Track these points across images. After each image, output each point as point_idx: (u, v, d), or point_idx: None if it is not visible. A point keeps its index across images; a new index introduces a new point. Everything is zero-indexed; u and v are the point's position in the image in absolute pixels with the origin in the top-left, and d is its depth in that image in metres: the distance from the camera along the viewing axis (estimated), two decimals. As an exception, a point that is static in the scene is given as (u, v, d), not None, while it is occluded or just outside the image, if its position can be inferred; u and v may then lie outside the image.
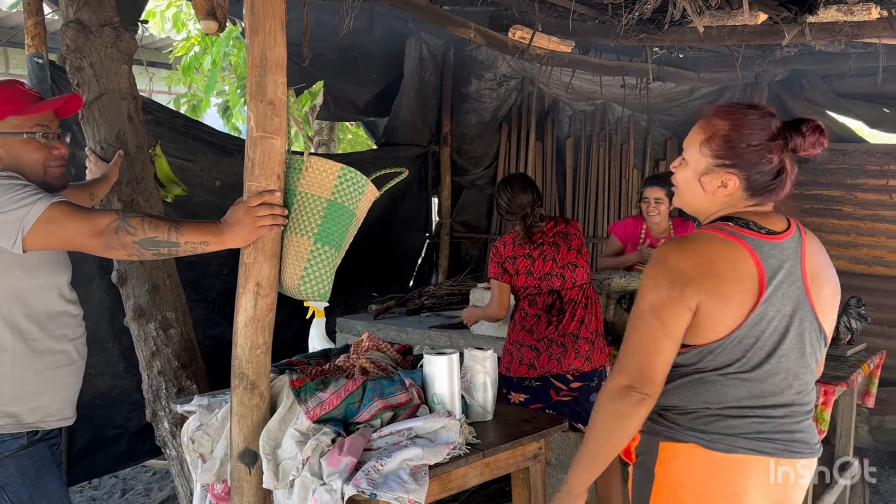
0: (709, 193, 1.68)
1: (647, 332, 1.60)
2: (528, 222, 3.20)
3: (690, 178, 1.70)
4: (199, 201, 3.92)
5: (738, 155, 1.62)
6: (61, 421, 2.18)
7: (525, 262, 3.18)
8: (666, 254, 1.64)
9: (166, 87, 7.72)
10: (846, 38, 3.39)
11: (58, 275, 2.15)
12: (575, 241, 3.24)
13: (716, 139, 1.64)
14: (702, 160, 1.67)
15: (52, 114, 2.14)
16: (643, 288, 1.63)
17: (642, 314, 1.61)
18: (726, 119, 1.65)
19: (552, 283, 3.16)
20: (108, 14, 2.83)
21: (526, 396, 3.11)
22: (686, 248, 1.63)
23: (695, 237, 1.66)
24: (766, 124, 1.63)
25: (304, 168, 2.00)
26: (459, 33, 4.03)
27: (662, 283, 1.59)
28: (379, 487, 1.72)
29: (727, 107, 1.70)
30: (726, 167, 1.64)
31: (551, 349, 3.08)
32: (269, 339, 1.95)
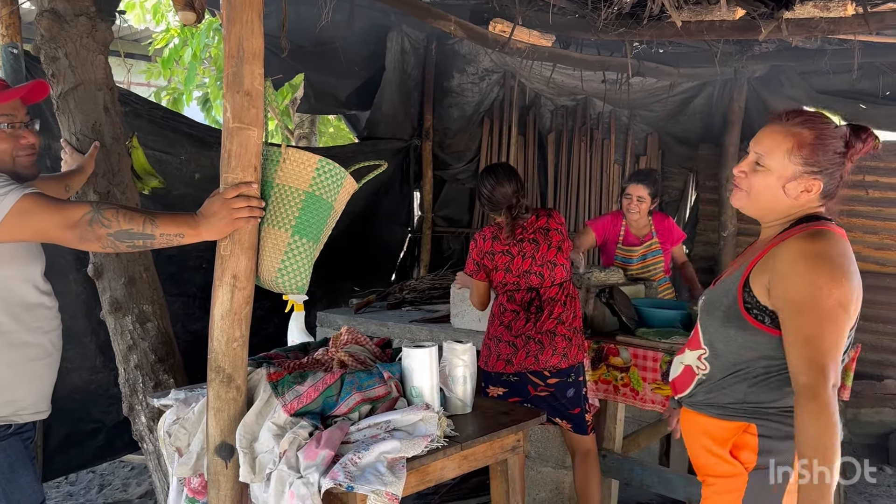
0: (790, 198, 1.74)
1: (839, 330, 1.60)
2: (514, 213, 3.15)
3: (773, 184, 1.75)
4: (178, 194, 3.89)
5: (826, 162, 1.71)
6: (35, 415, 2.16)
7: (504, 259, 3.15)
8: (826, 248, 1.65)
9: (146, 80, 7.64)
10: (822, 34, 3.42)
11: (31, 266, 2.13)
12: (556, 237, 3.18)
13: (805, 147, 1.71)
14: (790, 167, 1.73)
15: (19, 102, 2.11)
16: (822, 284, 1.60)
17: (830, 312, 1.60)
18: (810, 128, 1.72)
19: (531, 280, 3.13)
20: (83, 4, 2.80)
21: (504, 390, 3.12)
22: (837, 245, 1.67)
23: (827, 234, 1.69)
24: (841, 133, 1.73)
25: (282, 160, 1.98)
26: (439, 26, 4.02)
27: (841, 277, 1.61)
28: (356, 480, 1.71)
29: (805, 115, 1.76)
30: (814, 174, 1.72)
31: (529, 346, 3.07)
32: (246, 332, 1.94)
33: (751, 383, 1.74)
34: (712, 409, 1.80)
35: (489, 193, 3.18)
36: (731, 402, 1.76)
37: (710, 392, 1.80)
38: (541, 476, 3.55)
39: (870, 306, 5.23)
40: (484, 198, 3.21)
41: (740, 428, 1.74)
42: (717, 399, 1.79)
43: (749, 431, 1.73)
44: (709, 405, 1.81)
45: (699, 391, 1.84)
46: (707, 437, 1.80)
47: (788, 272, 1.65)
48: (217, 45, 6.39)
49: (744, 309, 1.73)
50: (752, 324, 1.71)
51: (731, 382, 1.76)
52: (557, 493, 3.55)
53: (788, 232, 1.74)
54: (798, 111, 1.80)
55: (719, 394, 1.78)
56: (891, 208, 5.37)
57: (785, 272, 1.65)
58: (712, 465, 1.79)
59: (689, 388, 1.87)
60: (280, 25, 3.26)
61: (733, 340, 1.76)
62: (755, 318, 1.71)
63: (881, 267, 5.39)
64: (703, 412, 1.82)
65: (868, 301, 5.45)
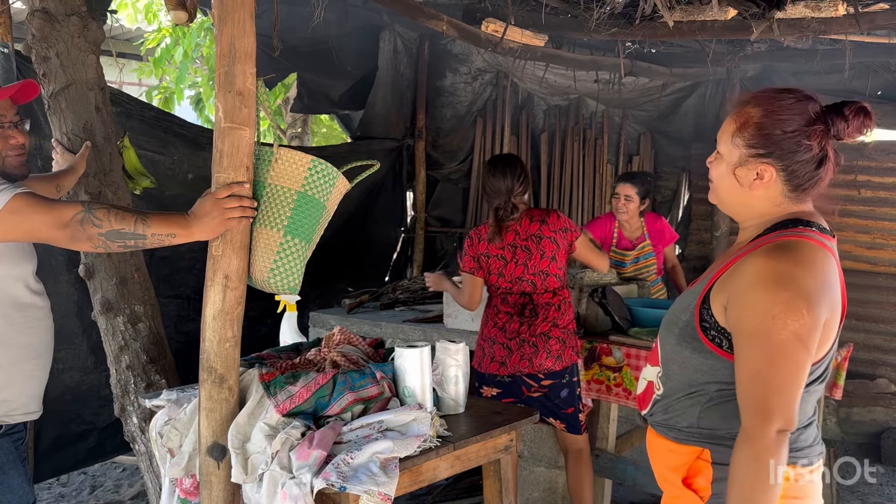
0: (745, 187, 1.55)
1: (795, 366, 1.40)
2: (500, 214, 3.09)
3: (724, 171, 1.58)
4: (171, 194, 3.88)
5: (773, 143, 1.50)
6: (27, 415, 2.16)
7: (497, 264, 3.11)
8: (788, 269, 1.42)
9: (137, 79, 7.62)
10: (814, 34, 3.44)
11: (23, 266, 2.12)
12: (549, 246, 3.07)
13: (748, 127, 1.53)
14: (734, 151, 1.55)
15: (8, 102, 2.10)
16: (776, 313, 1.39)
17: (784, 345, 1.39)
18: (759, 105, 1.53)
19: (523, 287, 3.10)
20: (74, 3, 2.79)
21: (498, 391, 3.11)
22: (804, 262, 1.44)
23: (797, 247, 1.47)
24: (802, 108, 1.50)
25: (274, 160, 1.98)
26: (432, 25, 4.03)
27: (801, 305, 1.39)
28: (349, 480, 1.71)
29: (760, 92, 1.56)
30: (761, 157, 1.52)
31: (523, 349, 3.05)
32: (238, 332, 1.93)
33: (704, 407, 1.56)
34: (668, 430, 1.64)
35: (483, 183, 3.14)
36: (686, 425, 1.60)
37: (666, 412, 1.65)
38: (534, 476, 3.55)
39: (862, 306, 5.31)
40: (483, 188, 3.17)
41: (694, 453, 1.58)
42: (672, 421, 1.63)
43: (702, 458, 1.56)
44: (665, 426, 1.65)
45: (657, 410, 1.68)
46: (663, 462, 1.66)
47: (744, 295, 1.45)
48: (209, 45, 6.38)
49: (700, 330, 1.54)
50: (709, 347, 1.53)
51: (686, 405, 1.59)
52: (550, 493, 3.55)
53: (759, 240, 1.54)
54: (760, 89, 1.59)
55: (674, 415, 1.62)
56: (883, 208, 5.40)
57: (740, 294, 1.46)
58: (670, 494, 1.65)
59: (649, 406, 1.72)
60: (272, 25, 3.25)
61: (688, 362, 1.58)
62: (711, 341, 1.53)
63: (873, 266, 5.41)
64: (661, 433, 1.67)
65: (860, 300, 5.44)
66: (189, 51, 6.14)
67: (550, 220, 3.11)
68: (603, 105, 6.19)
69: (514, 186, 3.10)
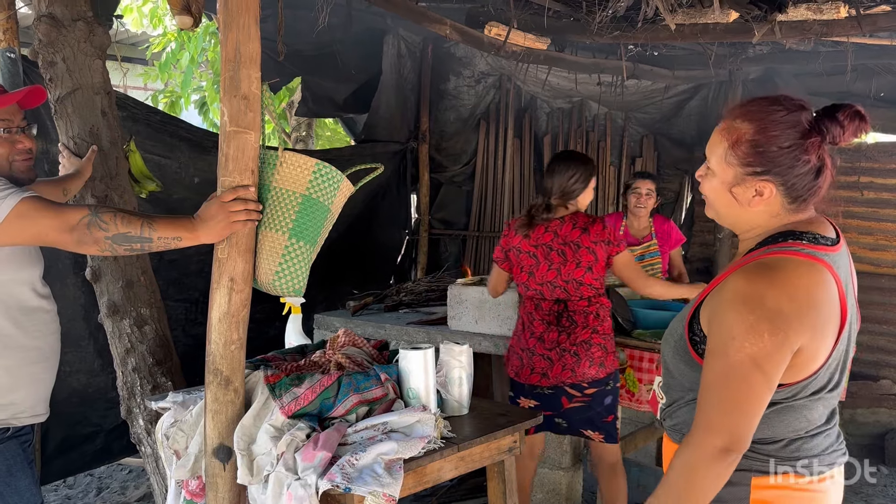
0: (744, 205, 1.51)
1: (747, 388, 1.39)
2: (531, 211, 3.01)
3: (719, 188, 1.53)
4: (178, 198, 3.90)
5: (770, 160, 1.45)
6: (33, 417, 2.17)
7: (529, 262, 3.02)
8: (759, 291, 1.39)
9: (143, 84, 7.66)
10: (815, 36, 3.45)
11: (30, 269, 2.14)
12: (587, 257, 2.95)
13: (741, 144, 1.47)
14: (729, 170, 1.50)
15: (16, 107, 2.11)
16: (735, 334, 1.39)
17: (739, 366, 1.38)
18: (750, 120, 1.47)
19: (556, 293, 2.99)
20: (80, 8, 2.81)
21: (536, 403, 3.02)
22: (779, 282, 1.40)
23: (778, 265, 1.43)
24: (795, 120, 1.45)
25: (279, 163, 2.00)
26: (435, 29, 4.05)
27: (763, 328, 1.37)
28: (353, 481, 1.72)
29: (750, 104, 1.49)
30: (758, 175, 1.47)
31: (565, 359, 2.94)
32: (244, 334, 1.95)
33: None
34: (676, 434, 1.64)
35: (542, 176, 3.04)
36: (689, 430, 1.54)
37: (672, 418, 1.66)
38: (538, 477, 3.56)
39: (865, 307, 5.27)
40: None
41: None
42: (678, 426, 1.63)
43: None
44: (673, 430, 1.66)
45: (665, 416, 1.70)
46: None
47: (717, 312, 1.45)
48: (214, 49, 6.42)
49: (690, 344, 1.54)
50: (696, 360, 1.52)
51: (685, 412, 1.59)
52: (554, 495, 3.56)
53: (748, 256, 1.51)
54: (748, 101, 1.51)
55: (678, 422, 1.63)
56: (886, 209, 5.39)
57: (715, 312, 1.46)
58: None
59: (659, 413, 1.74)
60: (277, 29, 3.27)
61: (683, 374, 1.58)
62: (700, 354, 1.51)
63: (876, 268, 5.41)
64: (671, 437, 1.68)
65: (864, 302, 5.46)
66: (195, 55, 6.18)
67: (593, 229, 2.98)
68: (605, 107, 6.20)
69: (554, 188, 3.01)
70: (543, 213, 3.01)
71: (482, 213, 6.37)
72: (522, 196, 6.33)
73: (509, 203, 6.30)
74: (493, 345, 3.63)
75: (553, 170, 3.04)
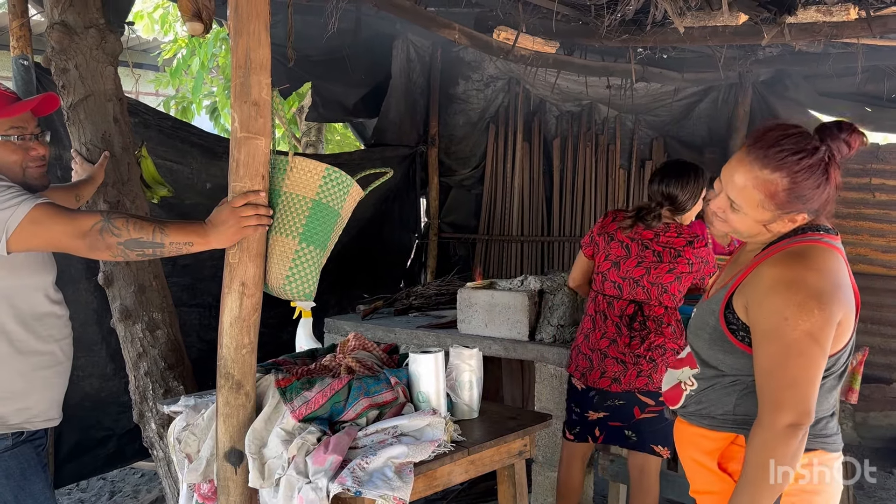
0: (774, 231, 1.66)
1: (808, 361, 1.52)
2: (642, 214, 2.92)
3: (752, 223, 1.66)
4: (191, 203, 3.93)
5: (806, 200, 1.60)
6: (47, 422, 2.19)
7: (619, 251, 2.93)
8: (799, 274, 1.55)
9: (154, 90, 7.71)
10: (825, 38, 3.43)
11: (43, 275, 2.16)
12: (682, 266, 2.88)
13: (778, 195, 1.60)
14: (766, 214, 1.63)
15: (30, 114, 2.13)
16: (788, 314, 1.52)
17: (796, 343, 1.52)
18: (780, 171, 1.58)
19: (636, 292, 2.90)
20: (93, 16, 2.84)
21: (605, 414, 2.96)
22: (813, 265, 1.57)
23: (807, 252, 1.60)
24: (819, 160, 1.58)
25: (289, 168, 2.01)
26: (444, 34, 4.06)
27: (812, 305, 1.51)
28: (364, 485, 1.73)
29: (776, 153, 1.59)
30: (794, 212, 1.62)
31: (640, 364, 2.86)
32: (255, 338, 1.96)
33: (740, 395, 1.68)
34: (702, 419, 1.75)
35: (649, 181, 3.00)
36: (721, 412, 1.71)
37: (700, 403, 1.76)
38: (548, 481, 3.55)
39: (877, 309, 5.28)
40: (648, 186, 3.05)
41: (728, 439, 1.70)
42: (707, 409, 1.74)
43: (737, 443, 1.68)
44: (699, 415, 1.76)
45: (690, 402, 1.79)
46: (696, 448, 1.76)
47: (760, 299, 1.58)
48: (224, 55, 6.46)
49: (728, 332, 1.67)
50: (738, 346, 1.66)
51: (721, 395, 1.71)
52: (565, 498, 3.55)
53: (772, 248, 1.67)
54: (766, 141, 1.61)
55: (709, 405, 1.73)
56: (898, 211, 5.37)
57: (757, 298, 1.59)
58: (703, 480, 1.75)
59: (681, 401, 1.83)
60: (286, 34, 3.29)
61: (722, 363, 1.70)
62: (741, 341, 1.65)
63: (888, 270, 5.38)
64: (693, 422, 1.78)
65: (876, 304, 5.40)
66: (205, 61, 6.21)
67: (698, 244, 2.93)
68: (615, 110, 6.19)
69: (667, 199, 2.92)
70: (653, 220, 2.92)
71: (491, 216, 6.38)
72: (532, 199, 6.33)
73: (518, 206, 6.30)
74: (503, 348, 3.63)
75: (664, 180, 2.94)
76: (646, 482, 2.97)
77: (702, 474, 1.75)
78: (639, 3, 3.02)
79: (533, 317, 3.62)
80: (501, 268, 6.33)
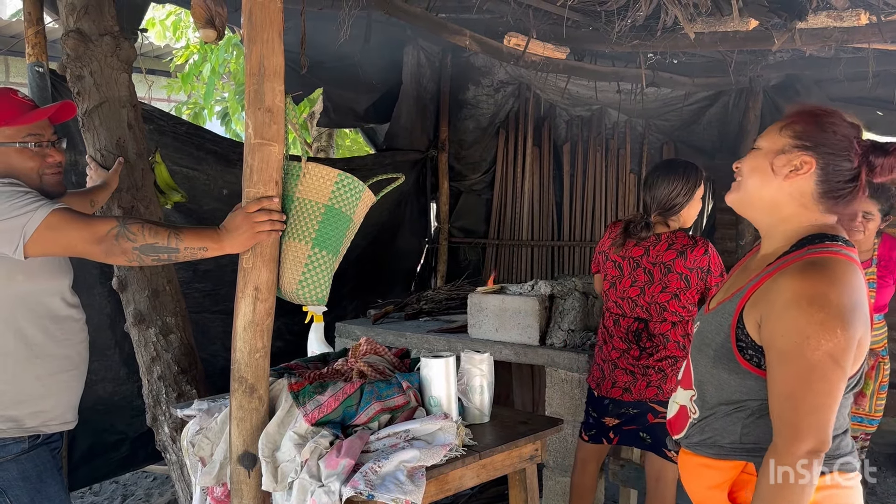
0: (778, 176, 1.57)
1: (829, 385, 1.42)
2: (629, 226, 2.85)
3: (761, 161, 1.60)
4: (209, 209, 3.97)
5: (822, 138, 1.54)
6: (63, 425, 2.21)
7: (613, 272, 2.91)
8: (822, 289, 1.44)
9: (166, 96, 7.77)
10: (836, 43, 3.43)
11: (60, 279, 2.18)
12: (675, 283, 2.78)
13: (799, 123, 1.57)
14: (779, 140, 1.58)
15: (46, 121, 2.16)
16: (809, 333, 1.41)
17: (819, 365, 1.41)
18: (814, 110, 1.59)
19: (637, 311, 2.87)
20: (107, 23, 2.87)
21: (618, 421, 2.96)
22: (836, 280, 1.46)
23: (828, 264, 1.48)
24: (851, 125, 1.57)
25: (302, 174, 2.03)
26: (455, 41, 4.07)
27: (835, 324, 1.41)
28: (376, 489, 1.74)
29: (817, 105, 1.62)
30: (806, 149, 1.55)
31: (649, 375, 2.84)
32: (268, 342, 1.98)
33: (746, 422, 1.58)
34: (707, 448, 1.65)
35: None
36: (728, 442, 1.61)
37: (703, 433, 1.66)
38: (559, 486, 3.55)
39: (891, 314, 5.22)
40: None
41: (737, 468, 1.59)
42: (712, 438, 1.64)
43: (747, 471, 1.57)
44: (704, 445, 1.66)
45: (693, 433, 1.69)
46: (703, 479, 1.66)
47: (778, 314, 1.46)
48: (236, 61, 6.50)
49: (737, 350, 1.55)
50: (747, 368, 1.55)
51: (726, 423, 1.61)
52: (576, 503, 3.55)
53: (789, 257, 1.55)
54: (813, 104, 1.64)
55: (713, 434, 1.63)
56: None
57: (775, 313, 1.47)
58: None
59: (684, 430, 1.73)
60: (298, 41, 3.31)
61: (725, 384, 1.59)
62: (749, 361, 1.54)
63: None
64: (698, 452, 1.68)
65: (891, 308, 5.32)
66: (217, 67, 6.26)
67: (692, 254, 2.77)
68: (625, 115, 6.19)
69: (654, 203, 2.82)
70: (642, 231, 2.82)
71: (501, 221, 6.38)
72: (542, 204, 6.33)
73: (529, 211, 6.31)
74: (514, 353, 3.64)
75: (651, 183, 2.86)
76: (662, 491, 2.95)
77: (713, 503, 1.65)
78: (649, 9, 3.03)
79: (543, 321, 3.62)
80: (511, 272, 6.34)
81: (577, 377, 3.42)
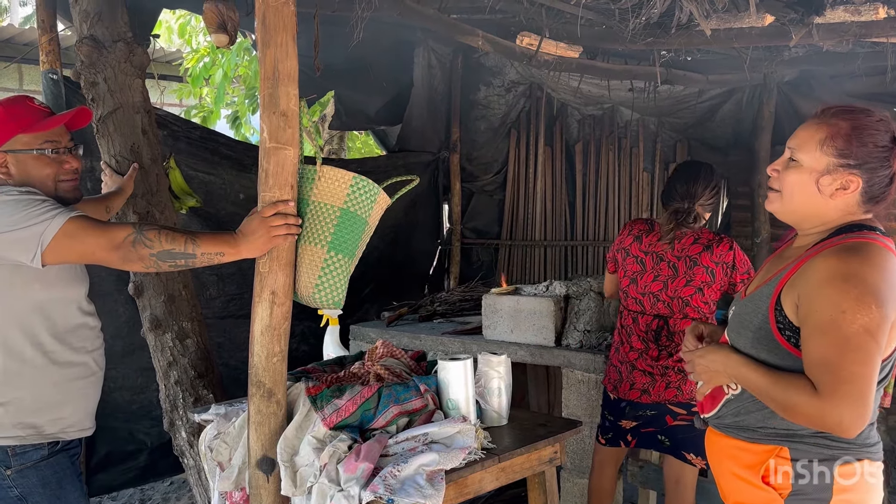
0: (825, 196, 1.59)
1: (866, 356, 1.44)
2: (680, 218, 2.75)
3: (806, 179, 1.60)
4: (227, 213, 3.98)
5: (865, 155, 1.56)
6: (81, 431, 2.22)
7: (634, 267, 2.87)
8: (856, 268, 1.48)
9: (178, 100, 7.80)
10: (854, 38, 3.38)
11: (76, 287, 2.18)
12: (701, 276, 2.76)
13: (839, 138, 1.57)
14: (823, 159, 1.58)
15: (63, 128, 2.17)
16: (845, 307, 1.45)
17: (854, 337, 1.44)
18: (847, 119, 1.58)
19: (658, 307, 2.84)
20: (121, 29, 2.88)
21: (638, 423, 2.93)
22: (871, 261, 1.50)
23: (864, 248, 1.52)
24: (886, 127, 1.58)
25: (317, 178, 2.02)
26: (468, 41, 4.06)
27: (870, 301, 1.45)
28: (396, 493, 1.73)
29: (844, 107, 1.62)
30: (850, 168, 1.57)
31: (668, 376, 2.81)
32: (286, 347, 1.98)
33: None
34: (740, 431, 1.67)
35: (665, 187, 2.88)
36: (761, 425, 1.64)
37: (738, 414, 1.68)
38: (577, 488, 3.53)
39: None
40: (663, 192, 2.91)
41: (771, 452, 1.62)
42: (745, 421, 1.66)
43: (781, 455, 1.60)
44: (737, 427, 1.68)
45: (727, 412, 1.71)
46: (735, 461, 1.68)
47: (815, 292, 1.51)
48: (247, 65, 6.51)
49: (777, 331, 1.59)
50: (786, 348, 1.58)
51: (761, 405, 1.62)
52: (594, 505, 3.53)
53: (825, 243, 1.59)
54: (839, 105, 1.64)
55: (748, 416, 1.66)
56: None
57: (811, 292, 1.51)
58: (741, 492, 1.67)
59: (716, 409, 1.75)
60: (310, 45, 3.31)
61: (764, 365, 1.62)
62: (788, 341, 1.57)
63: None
64: (730, 434, 1.71)
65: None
66: (227, 71, 6.27)
67: (718, 248, 2.79)
68: (638, 113, 6.15)
69: (698, 192, 2.77)
70: (692, 221, 2.77)
71: (514, 221, 6.37)
72: (554, 204, 6.31)
73: (541, 211, 6.29)
74: (529, 354, 3.62)
75: (695, 178, 2.80)
76: (681, 493, 2.92)
77: (740, 489, 1.67)
78: (664, 6, 3.00)
79: (559, 322, 3.60)
80: (525, 273, 6.32)
81: (593, 378, 3.40)
